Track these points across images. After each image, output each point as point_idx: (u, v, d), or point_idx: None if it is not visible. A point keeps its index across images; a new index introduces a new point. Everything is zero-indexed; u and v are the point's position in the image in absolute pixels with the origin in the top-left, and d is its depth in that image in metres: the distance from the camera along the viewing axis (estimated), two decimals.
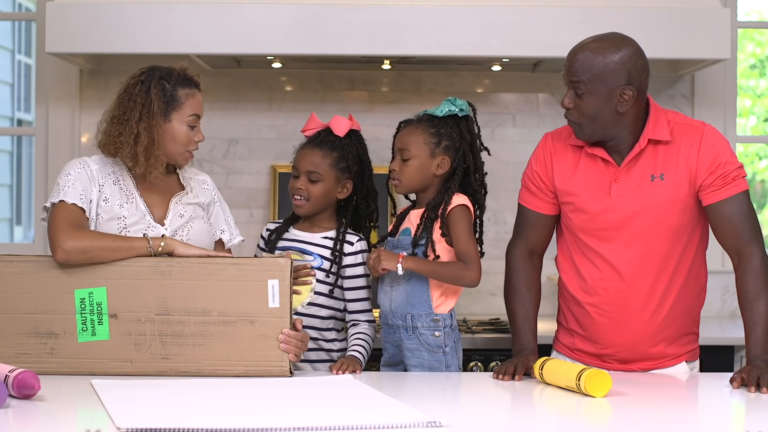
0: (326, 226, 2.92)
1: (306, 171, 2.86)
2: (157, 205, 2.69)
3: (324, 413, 2.07)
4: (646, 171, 2.62)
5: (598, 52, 2.55)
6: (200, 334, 2.50)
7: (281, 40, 3.48)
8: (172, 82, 2.66)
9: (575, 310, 2.74)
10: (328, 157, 2.86)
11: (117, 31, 3.47)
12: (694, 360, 2.77)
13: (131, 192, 2.67)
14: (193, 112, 2.68)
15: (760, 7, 9.35)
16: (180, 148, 2.68)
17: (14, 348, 2.50)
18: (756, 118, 9.51)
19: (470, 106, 2.83)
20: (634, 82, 2.56)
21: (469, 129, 2.81)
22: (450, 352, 2.75)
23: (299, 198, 2.87)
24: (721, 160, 2.58)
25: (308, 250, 2.87)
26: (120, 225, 2.61)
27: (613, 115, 2.57)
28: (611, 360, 2.71)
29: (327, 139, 2.88)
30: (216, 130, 4.03)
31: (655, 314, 2.65)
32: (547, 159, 2.74)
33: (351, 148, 2.91)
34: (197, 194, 2.79)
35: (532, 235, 2.79)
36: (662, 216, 2.61)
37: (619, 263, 2.64)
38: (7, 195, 10.07)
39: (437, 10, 3.48)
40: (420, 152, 2.77)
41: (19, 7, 10.54)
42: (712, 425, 2.19)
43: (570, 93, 2.59)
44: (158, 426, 1.89)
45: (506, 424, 2.17)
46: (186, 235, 2.68)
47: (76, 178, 2.61)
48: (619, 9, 3.46)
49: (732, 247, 2.61)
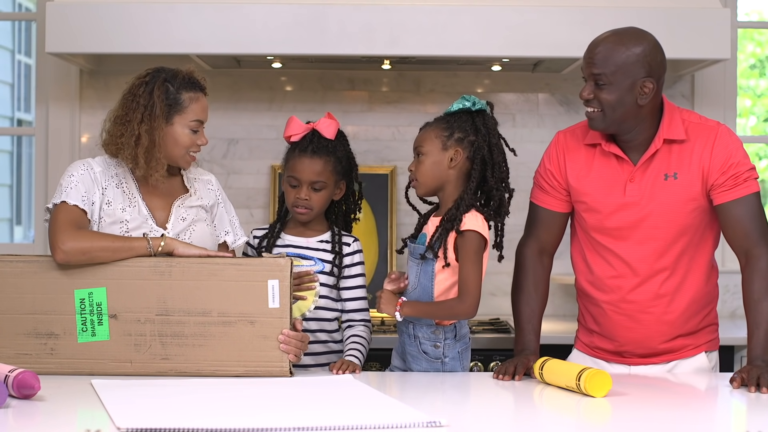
0: (319, 229, 2.91)
1: (309, 181, 2.82)
2: (159, 208, 2.69)
3: (324, 413, 2.07)
4: (661, 170, 2.62)
5: (621, 44, 2.56)
6: (200, 334, 2.50)
7: (281, 40, 3.48)
8: (176, 84, 2.65)
9: (591, 309, 2.76)
10: (329, 164, 2.84)
11: (117, 31, 3.47)
12: (713, 350, 2.77)
13: (134, 195, 2.67)
14: (196, 117, 2.66)
15: (760, 7, 9.34)
16: (181, 151, 2.67)
17: (14, 348, 2.49)
18: (756, 118, 9.51)
19: (488, 104, 2.77)
20: (655, 74, 2.57)
21: (485, 122, 2.74)
22: (450, 363, 2.73)
23: (303, 208, 2.84)
24: (734, 161, 2.59)
25: (307, 255, 2.86)
26: (122, 229, 2.61)
27: (633, 107, 2.58)
28: (630, 355, 2.72)
29: (321, 145, 2.84)
30: (216, 130, 4.03)
31: (670, 310, 2.67)
32: (560, 157, 2.74)
33: (341, 149, 2.88)
34: (201, 196, 2.78)
35: (544, 233, 2.79)
36: (675, 214, 2.62)
37: (633, 260, 2.66)
38: (7, 195, 10.07)
39: (437, 10, 3.48)
40: (432, 147, 2.73)
41: (19, 7, 10.54)
42: (712, 425, 2.19)
43: (589, 84, 2.59)
44: (158, 426, 1.89)
45: (506, 424, 2.17)
46: (188, 238, 2.68)
47: (78, 179, 2.61)
48: (619, 9, 3.47)
49: (740, 248, 2.62)
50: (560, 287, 4.00)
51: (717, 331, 2.79)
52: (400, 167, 4.03)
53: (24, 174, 10.39)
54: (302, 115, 4.02)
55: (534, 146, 3.94)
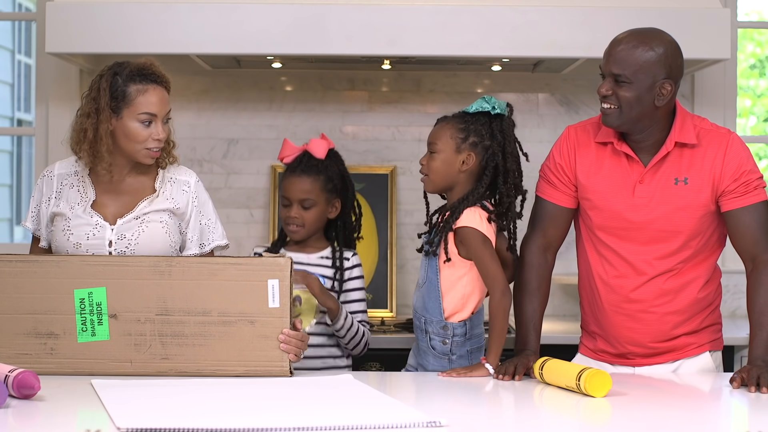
0: (319, 246, 3.00)
1: (298, 199, 2.92)
2: (119, 204, 2.68)
3: (324, 413, 2.07)
4: (671, 174, 2.63)
5: (644, 43, 2.56)
6: (200, 334, 2.50)
7: (281, 40, 3.48)
8: (123, 77, 2.61)
9: (593, 310, 2.76)
10: (317, 182, 2.93)
11: (117, 31, 3.47)
12: (717, 349, 2.77)
13: (86, 192, 2.68)
14: (145, 110, 2.60)
15: (760, 7, 9.35)
16: (136, 146, 2.62)
17: (14, 348, 2.49)
18: (756, 118, 9.51)
19: (508, 107, 2.77)
20: (674, 76, 2.58)
21: (502, 129, 2.74)
22: (458, 361, 2.73)
23: (294, 226, 2.93)
24: (745, 168, 2.61)
25: (308, 270, 2.91)
26: (64, 225, 2.65)
27: (650, 107, 2.58)
28: (634, 356, 2.72)
29: (310, 164, 2.95)
30: (216, 130, 4.03)
31: (672, 309, 2.67)
32: (570, 152, 2.73)
33: (333, 168, 2.98)
34: (171, 198, 2.71)
35: (551, 228, 2.78)
36: (684, 219, 2.63)
37: (637, 261, 2.66)
38: (7, 195, 10.07)
39: (437, 10, 3.48)
40: (446, 146, 2.73)
41: (19, 7, 10.54)
42: (712, 425, 2.19)
43: (608, 81, 2.58)
44: (158, 426, 1.89)
45: (506, 424, 2.17)
46: (136, 238, 2.65)
47: (36, 197, 2.74)
48: (619, 9, 3.46)
49: (748, 254, 2.64)
50: (560, 287, 4.00)
51: (720, 332, 2.79)
52: (400, 167, 4.04)
53: (24, 174, 10.39)
54: (302, 115, 4.06)
55: (534, 146, 3.91)
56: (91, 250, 2.63)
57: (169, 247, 2.69)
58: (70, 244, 2.64)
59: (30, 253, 2.78)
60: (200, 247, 2.76)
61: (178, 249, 2.72)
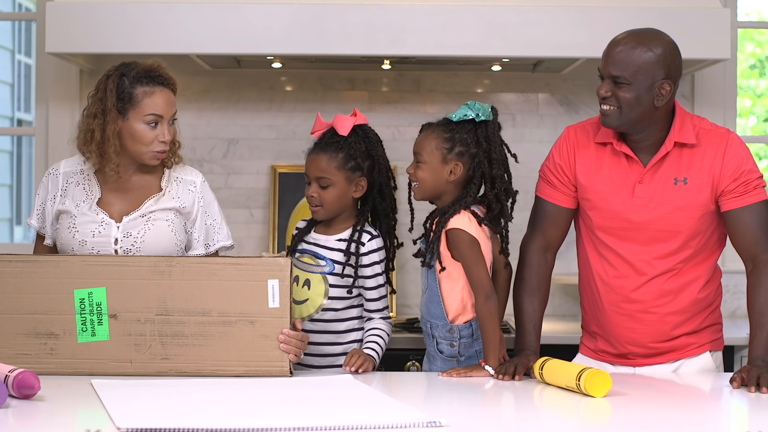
0: (344, 227, 2.83)
1: (315, 177, 2.78)
2: (126, 202, 2.68)
3: (324, 413, 2.07)
4: (671, 174, 2.63)
5: (643, 44, 2.56)
6: (200, 334, 2.50)
7: (281, 40, 3.48)
8: (130, 78, 2.62)
9: (593, 310, 2.76)
10: (334, 160, 2.77)
11: (117, 31, 3.47)
12: (718, 349, 2.78)
13: (92, 190, 2.69)
14: (152, 112, 2.61)
15: (760, 7, 9.34)
16: (142, 148, 2.63)
17: (14, 348, 2.49)
18: (756, 118, 9.51)
19: (493, 111, 2.74)
20: (672, 76, 2.58)
21: (487, 136, 2.71)
22: (466, 363, 2.72)
23: (313, 205, 2.80)
24: (745, 168, 2.61)
25: (321, 254, 2.80)
26: (70, 223, 2.65)
27: (650, 107, 2.58)
28: (634, 356, 2.72)
29: (331, 141, 2.79)
30: (216, 130, 4.03)
31: (672, 309, 2.67)
32: (570, 152, 2.73)
33: (358, 144, 2.79)
34: (177, 197, 2.72)
35: (551, 228, 2.77)
36: (683, 219, 2.63)
37: (637, 261, 2.66)
38: (7, 195, 10.07)
39: (437, 10, 3.48)
40: (431, 158, 2.70)
41: (19, 7, 10.54)
42: (712, 425, 2.19)
43: (608, 82, 2.58)
44: (158, 426, 1.89)
45: (506, 424, 2.17)
46: (142, 236, 2.65)
47: (41, 194, 2.74)
48: (619, 9, 3.46)
49: (748, 254, 2.64)
50: (560, 287, 4.00)
51: (721, 332, 2.79)
52: (400, 167, 4.02)
53: (24, 174, 10.39)
54: (302, 115, 4.06)
55: (534, 146, 3.95)
56: (97, 248, 2.63)
57: (175, 245, 2.69)
58: (76, 242, 2.64)
59: (34, 251, 2.79)
60: (205, 248, 2.76)
61: (183, 248, 2.73)
